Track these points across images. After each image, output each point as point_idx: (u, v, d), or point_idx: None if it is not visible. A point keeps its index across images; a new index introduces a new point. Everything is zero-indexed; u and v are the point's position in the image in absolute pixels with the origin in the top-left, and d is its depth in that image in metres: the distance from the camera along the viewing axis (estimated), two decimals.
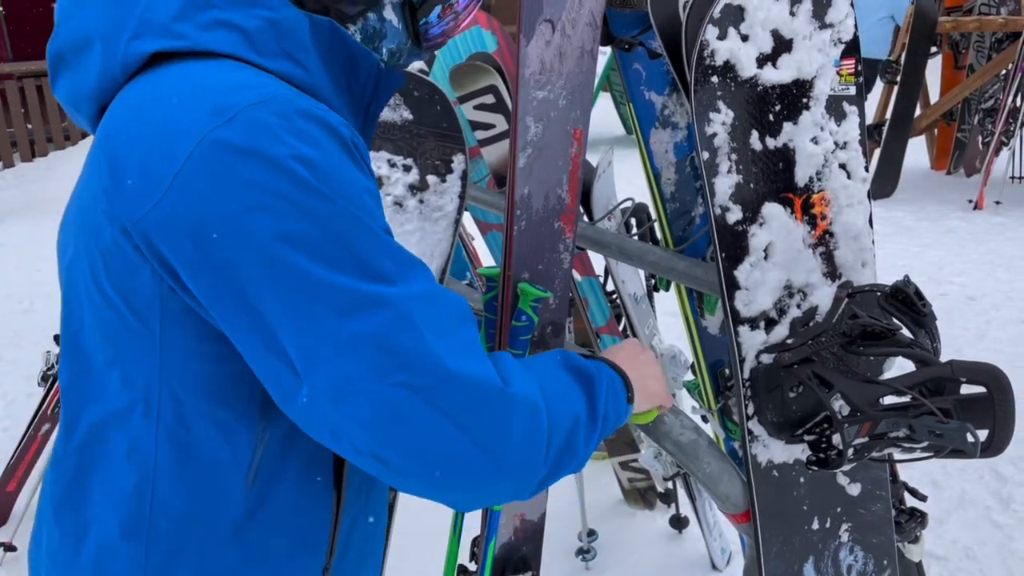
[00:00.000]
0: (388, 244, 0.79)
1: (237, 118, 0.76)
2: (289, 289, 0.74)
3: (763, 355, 1.40)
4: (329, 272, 0.74)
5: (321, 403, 0.74)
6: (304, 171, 0.75)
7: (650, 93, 1.78)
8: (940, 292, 4.81)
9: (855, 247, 1.46)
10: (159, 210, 0.76)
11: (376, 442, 0.74)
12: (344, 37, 0.90)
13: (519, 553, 1.57)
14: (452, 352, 0.77)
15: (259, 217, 0.74)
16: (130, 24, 0.84)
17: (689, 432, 1.34)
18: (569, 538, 2.68)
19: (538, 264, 1.33)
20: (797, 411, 1.38)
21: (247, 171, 0.74)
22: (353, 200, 0.77)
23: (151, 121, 0.80)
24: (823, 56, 1.41)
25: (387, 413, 0.74)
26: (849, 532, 1.52)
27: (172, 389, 0.83)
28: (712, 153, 1.35)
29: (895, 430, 1.24)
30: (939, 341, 1.32)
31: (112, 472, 0.85)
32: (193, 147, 0.75)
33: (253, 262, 0.74)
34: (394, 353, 0.74)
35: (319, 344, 0.74)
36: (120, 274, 0.81)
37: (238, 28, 0.84)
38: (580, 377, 0.93)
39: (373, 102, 0.97)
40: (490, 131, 2.37)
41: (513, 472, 0.79)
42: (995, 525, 2.76)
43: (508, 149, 1.29)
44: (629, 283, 2.45)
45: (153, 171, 0.77)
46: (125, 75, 0.86)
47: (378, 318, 0.75)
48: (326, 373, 0.74)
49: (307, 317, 0.74)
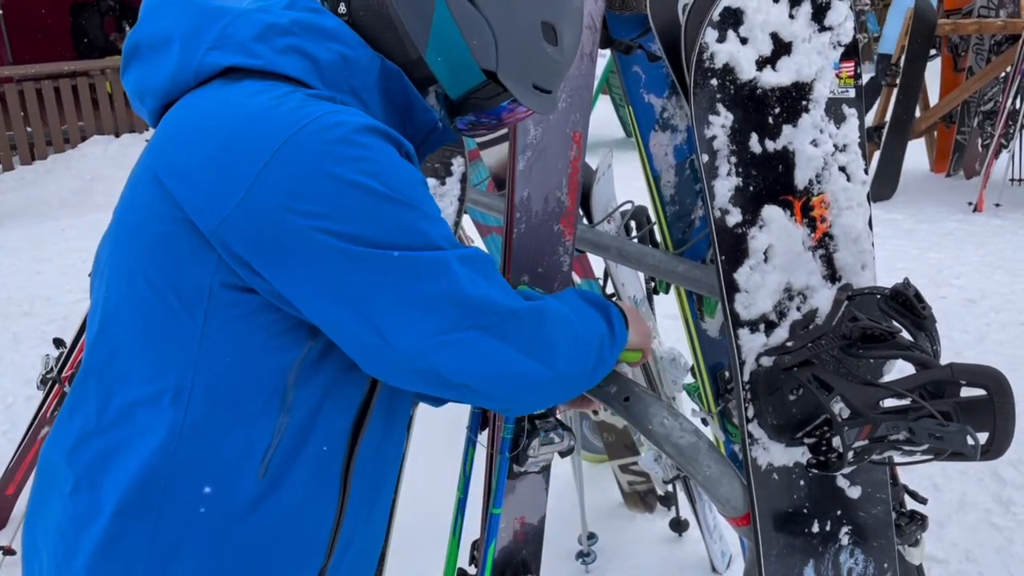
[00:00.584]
0: (441, 223, 0.92)
1: (314, 124, 0.84)
2: (370, 270, 0.85)
3: (763, 358, 1.39)
4: (401, 251, 0.86)
5: (412, 357, 0.87)
6: (371, 171, 0.85)
7: (649, 96, 1.78)
8: (940, 294, 4.81)
9: (855, 249, 1.46)
10: (241, 211, 0.83)
11: (464, 374, 0.90)
12: (408, 87, 0.97)
13: (519, 556, 1.57)
14: (502, 293, 0.94)
15: (338, 214, 0.83)
16: (211, 34, 0.91)
17: (689, 435, 1.34)
18: (569, 541, 2.67)
19: (538, 266, 1.33)
20: (797, 414, 1.38)
21: (324, 173, 0.83)
22: (413, 195, 0.89)
23: (231, 122, 0.86)
24: (822, 59, 1.41)
25: (470, 352, 0.89)
26: (849, 535, 1.52)
27: (205, 378, 0.88)
28: (712, 156, 1.35)
29: (895, 433, 1.24)
30: (939, 344, 1.32)
31: (134, 454, 0.88)
32: (275, 150, 0.83)
33: (336, 253, 0.84)
34: (464, 304, 0.89)
35: (404, 308, 0.86)
36: (173, 263, 0.86)
37: (312, 57, 0.91)
38: (598, 307, 1.11)
39: (420, 148, 1.03)
40: (490, 134, 2.37)
41: (566, 376, 0.99)
42: (995, 528, 2.76)
43: (508, 152, 1.29)
44: (629, 285, 2.45)
45: (234, 168, 0.83)
46: (197, 80, 0.92)
47: (447, 278, 0.88)
48: (414, 331, 0.87)
49: (390, 288, 0.86)
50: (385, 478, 1.08)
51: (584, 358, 1.03)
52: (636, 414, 1.36)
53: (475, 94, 0.98)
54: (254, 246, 0.84)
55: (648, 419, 1.35)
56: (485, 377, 0.91)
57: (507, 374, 0.92)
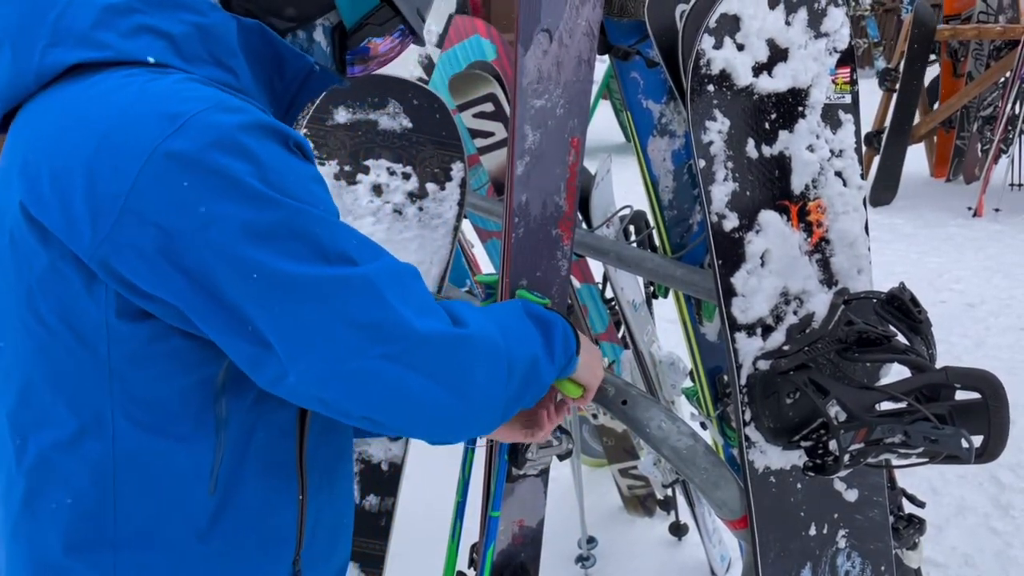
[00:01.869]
0: (342, 228, 0.83)
1: (188, 125, 0.75)
2: (263, 287, 0.76)
3: (760, 361, 1.40)
4: (296, 265, 0.77)
5: (311, 385, 0.79)
6: (256, 175, 0.76)
7: (648, 101, 1.79)
8: (939, 299, 4.82)
9: (851, 254, 1.47)
10: (117, 232, 0.75)
11: (366, 408, 0.81)
12: (272, 39, 0.89)
13: (518, 559, 1.57)
14: (417, 314, 0.83)
15: (223, 225, 0.75)
16: (43, 30, 0.81)
17: (686, 438, 1.35)
18: (568, 545, 2.68)
19: (536, 271, 1.34)
20: (794, 417, 1.39)
21: (204, 181, 0.75)
22: (304, 196, 0.80)
23: (89, 137, 0.76)
24: (818, 65, 1.42)
25: (372, 383, 0.80)
26: (846, 538, 1.53)
27: (125, 409, 0.82)
28: (708, 161, 1.36)
29: (891, 436, 1.24)
30: (935, 347, 1.33)
31: (70, 493, 0.84)
32: (144, 160, 0.74)
33: (224, 267, 0.76)
34: (368, 328, 0.79)
35: (300, 332, 0.78)
36: (61, 301, 0.79)
37: (164, 34, 0.82)
38: (538, 322, 1.01)
39: (297, 97, 0.97)
40: (489, 139, 2.38)
41: (481, 407, 0.89)
42: (994, 532, 2.76)
43: (506, 157, 1.30)
44: (628, 290, 2.45)
45: (103, 191, 0.75)
46: (39, 83, 0.82)
47: (349, 298, 0.79)
48: (311, 359, 0.78)
49: (284, 310, 0.77)
50: (342, 451, 1.04)
51: (507, 385, 0.91)
52: (634, 417, 1.37)
53: (370, 19, 0.97)
54: (137, 268, 0.76)
55: (646, 422, 1.35)
56: (391, 411, 0.82)
57: (415, 407, 0.83)
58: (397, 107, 1.84)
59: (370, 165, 1.86)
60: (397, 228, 1.87)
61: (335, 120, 1.84)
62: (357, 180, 1.86)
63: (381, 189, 1.87)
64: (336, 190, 1.87)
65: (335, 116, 1.84)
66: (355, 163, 1.86)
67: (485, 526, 1.43)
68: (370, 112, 1.85)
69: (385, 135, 1.85)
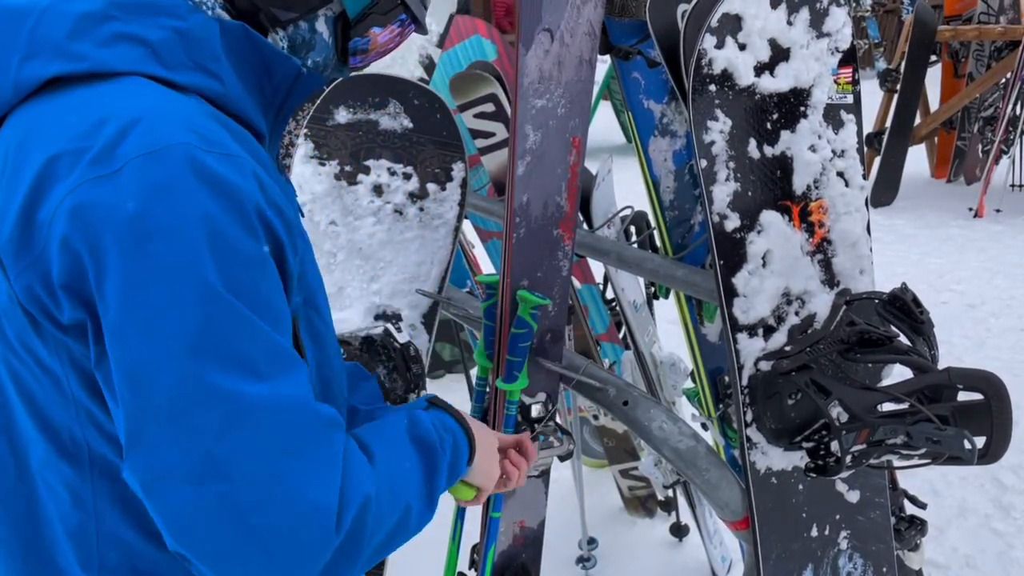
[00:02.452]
0: (266, 337, 0.73)
1: (122, 172, 0.70)
2: (134, 362, 0.69)
3: (761, 362, 1.40)
4: (186, 357, 0.69)
5: (134, 485, 0.71)
6: (181, 239, 0.70)
7: (649, 101, 1.79)
8: (940, 300, 4.82)
9: (853, 254, 1.46)
10: (38, 262, 0.71)
11: (172, 538, 0.71)
12: (257, 41, 0.86)
13: (518, 560, 1.57)
14: (294, 475, 0.72)
15: (121, 282, 0.69)
16: (19, 41, 0.78)
17: (688, 439, 1.34)
18: (569, 546, 2.67)
19: (537, 271, 1.33)
20: (795, 418, 1.39)
21: (118, 233, 0.69)
22: (237, 284, 0.71)
23: (42, 156, 0.73)
24: (820, 65, 1.42)
25: (194, 522, 0.70)
26: (848, 539, 1.52)
27: (97, 439, 0.80)
28: (710, 161, 1.36)
29: (893, 437, 1.24)
30: (937, 348, 1.33)
31: (57, 512, 0.83)
32: (62, 198, 0.70)
33: (110, 322, 0.70)
34: (221, 462, 0.69)
35: (145, 427, 0.70)
36: (21, 328, 0.77)
37: (141, 41, 0.78)
38: (424, 451, 0.90)
39: (287, 102, 0.93)
40: (490, 139, 2.38)
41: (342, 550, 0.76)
42: (995, 533, 2.76)
43: (507, 157, 1.29)
44: (629, 291, 2.45)
45: (35, 218, 0.71)
46: (19, 97, 0.79)
47: (221, 417, 0.69)
48: (143, 459, 0.70)
49: (143, 393, 0.69)
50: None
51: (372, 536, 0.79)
52: (635, 418, 1.36)
53: (373, 8, 0.95)
54: (51, 299, 0.72)
55: (647, 423, 1.35)
56: (198, 552, 0.70)
57: (235, 567, 0.71)
58: (398, 107, 1.84)
59: (371, 165, 1.86)
60: (398, 228, 1.87)
61: (336, 120, 1.84)
62: (358, 180, 1.86)
63: (382, 189, 1.87)
64: (337, 191, 1.86)
65: (336, 116, 1.84)
66: (356, 163, 1.86)
67: (486, 527, 1.43)
68: (371, 112, 1.84)
69: (386, 135, 1.85)
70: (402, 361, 1.77)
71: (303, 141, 1.88)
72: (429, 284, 1.89)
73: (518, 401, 1.33)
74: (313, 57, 0.94)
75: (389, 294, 1.88)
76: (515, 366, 1.30)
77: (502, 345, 1.33)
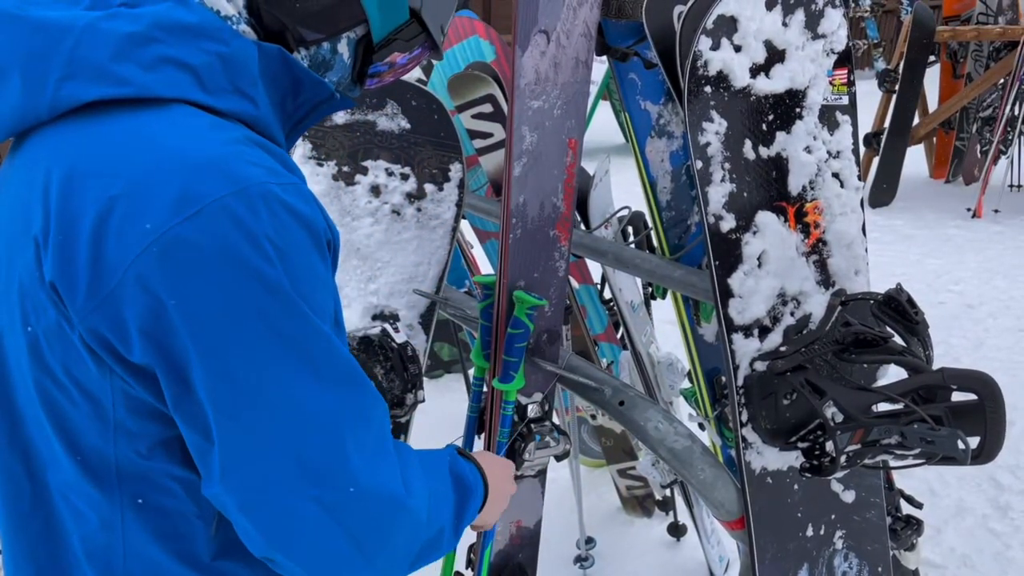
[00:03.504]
0: (339, 352, 0.79)
1: (204, 213, 0.70)
2: (237, 391, 0.73)
3: (757, 362, 1.40)
4: (291, 381, 0.74)
5: (234, 502, 0.76)
6: (271, 274, 0.73)
7: (646, 103, 1.79)
8: (938, 300, 4.82)
9: (848, 255, 1.47)
10: (109, 304, 0.72)
11: (272, 547, 0.77)
12: (292, 65, 0.87)
13: (515, 560, 1.58)
14: (366, 465, 0.79)
15: (217, 320, 0.72)
16: (57, 60, 0.75)
17: (683, 439, 1.35)
18: (567, 546, 2.68)
19: (534, 271, 1.34)
20: (791, 418, 1.39)
21: (209, 275, 0.71)
22: (315, 304, 0.76)
23: (102, 194, 0.72)
24: (816, 66, 1.42)
25: (292, 525, 0.76)
26: (843, 539, 1.53)
27: (132, 459, 0.81)
28: (706, 162, 1.36)
29: (887, 437, 1.25)
30: (931, 349, 1.33)
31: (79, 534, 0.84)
32: (150, 242, 0.70)
33: (206, 361, 0.72)
34: (313, 468, 0.76)
35: (245, 448, 0.74)
36: (68, 357, 0.77)
37: (186, 66, 0.78)
38: (460, 488, 0.96)
39: (306, 119, 0.95)
40: (488, 140, 2.38)
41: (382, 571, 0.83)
42: (992, 533, 2.76)
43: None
44: (626, 291, 2.46)
45: (104, 258, 0.71)
46: (52, 116, 0.77)
47: (308, 430, 0.76)
48: (242, 479, 0.75)
49: (246, 418, 0.74)
50: None
51: (412, 555, 0.87)
52: (631, 418, 1.37)
53: (398, 34, 0.96)
54: (122, 339, 0.73)
55: (643, 423, 1.36)
56: (295, 556, 0.77)
57: (321, 560, 0.78)
58: (395, 108, 1.85)
59: (368, 166, 1.86)
60: (395, 229, 1.88)
61: (333, 120, 1.85)
62: (355, 181, 1.87)
63: (379, 190, 1.87)
64: (335, 191, 1.87)
65: (333, 117, 1.84)
66: (354, 163, 1.87)
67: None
68: (368, 113, 1.85)
69: (384, 136, 1.86)
70: (400, 361, 1.78)
71: (301, 141, 1.89)
72: (427, 284, 1.89)
73: (514, 401, 1.34)
74: (329, 77, 0.95)
75: (387, 294, 1.88)
76: (511, 366, 1.31)
77: (498, 345, 1.33)
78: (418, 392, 1.80)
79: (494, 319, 1.35)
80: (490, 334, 1.36)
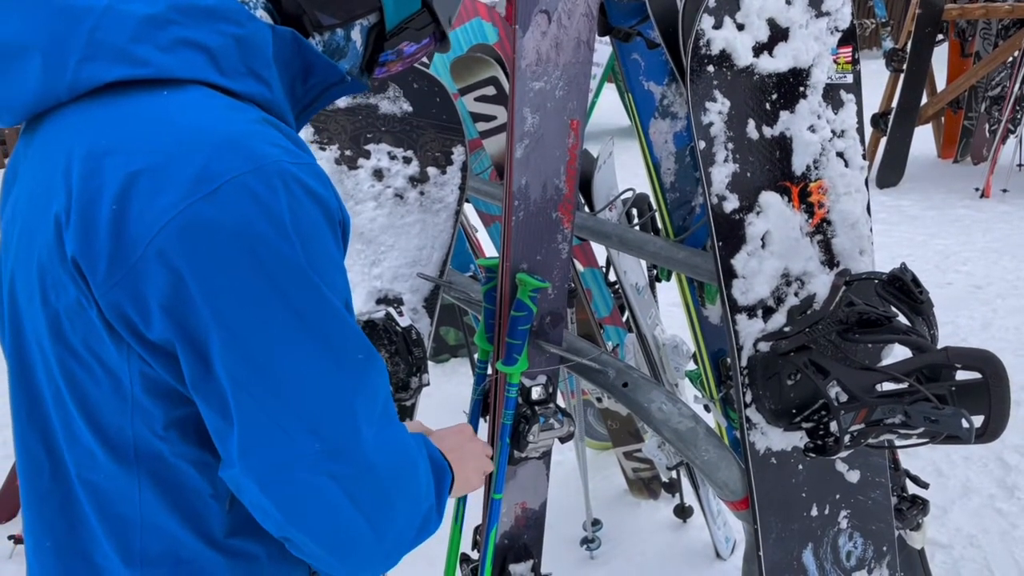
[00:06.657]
0: (352, 328, 0.80)
1: (223, 190, 0.72)
2: (256, 369, 0.74)
3: (761, 343, 1.40)
4: (307, 357, 0.76)
5: (252, 481, 0.77)
6: (289, 251, 0.74)
7: (649, 83, 1.78)
8: (946, 281, 4.81)
9: (853, 235, 1.46)
10: (129, 279, 0.73)
11: (291, 524, 0.79)
12: (305, 49, 0.88)
13: (520, 541, 1.58)
14: (376, 440, 0.81)
15: (235, 295, 0.73)
16: (77, 42, 0.77)
17: (687, 420, 1.35)
18: (574, 528, 2.69)
19: (536, 254, 1.33)
20: (795, 398, 1.39)
21: (228, 251, 0.72)
22: (331, 283, 0.78)
23: (123, 170, 0.73)
24: (820, 44, 1.41)
25: (309, 501, 0.78)
26: (848, 519, 1.53)
27: (148, 437, 0.82)
28: (709, 142, 1.36)
29: (891, 416, 1.24)
30: (936, 328, 1.33)
31: (97, 509, 0.85)
32: (170, 217, 0.71)
33: (224, 338, 0.73)
34: (330, 443, 0.77)
35: (264, 427, 0.76)
36: (89, 335, 0.78)
37: (202, 47, 0.79)
38: (436, 468, 0.97)
39: (315, 103, 0.95)
40: (491, 123, 2.37)
41: (388, 550, 0.86)
42: (999, 513, 2.76)
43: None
44: (631, 273, 2.45)
45: (126, 233, 0.72)
46: (71, 96, 0.78)
47: (324, 406, 0.77)
48: (261, 458, 0.76)
49: (265, 396, 0.75)
50: None
51: (414, 529, 0.89)
52: (635, 400, 1.37)
53: (409, 23, 0.98)
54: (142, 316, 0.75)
55: (647, 405, 1.36)
56: (317, 532, 0.79)
57: (340, 535, 0.81)
58: (397, 91, 1.84)
59: (371, 149, 1.86)
60: (399, 212, 1.87)
61: (336, 104, 1.84)
62: (358, 164, 1.86)
63: (382, 173, 1.87)
64: (337, 175, 1.87)
65: (336, 100, 1.84)
66: (356, 147, 1.86)
67: (488, 508, 1.44)
68: (370, 96, 1.84)
69: (386, 119, 1.85)
70: (404, 345, 1.78)
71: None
72: (430, 268, 1.89)
73: (519, 384, 1.34)
74: (342, 65, 0.96)
75: (390, 278, 1.88)
76: (515, 349, 1.31)
77: (502, 328, 1.33)
78: (423, 375, 1.80)
79: (497, 302, 1.35)
80: (494, 317, 1.36)
